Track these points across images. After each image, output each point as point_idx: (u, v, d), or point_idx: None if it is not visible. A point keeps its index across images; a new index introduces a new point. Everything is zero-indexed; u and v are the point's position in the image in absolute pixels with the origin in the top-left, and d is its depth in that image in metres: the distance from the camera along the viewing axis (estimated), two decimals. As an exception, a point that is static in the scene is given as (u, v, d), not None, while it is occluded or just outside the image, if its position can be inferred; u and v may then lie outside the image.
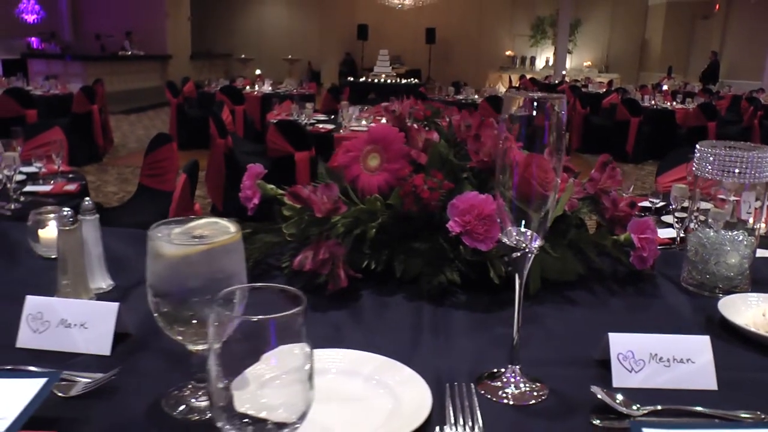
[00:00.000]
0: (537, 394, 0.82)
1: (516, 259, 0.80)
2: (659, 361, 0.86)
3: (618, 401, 0.79)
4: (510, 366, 0.84)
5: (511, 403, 0.80)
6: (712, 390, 0.84)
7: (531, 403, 0.80)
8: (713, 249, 1.15)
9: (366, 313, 1.06)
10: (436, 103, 1.43)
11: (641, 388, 0.84)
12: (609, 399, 0.78)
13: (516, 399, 0.81)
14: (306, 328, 0.54)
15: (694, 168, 1.18)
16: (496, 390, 0.82)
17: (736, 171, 1.11)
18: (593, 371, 0.88)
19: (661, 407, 0.79)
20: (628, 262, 1.21)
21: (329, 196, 1.09)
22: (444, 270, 1.10)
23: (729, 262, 1.14)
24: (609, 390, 0.80)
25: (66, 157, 3.39)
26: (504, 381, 0.83)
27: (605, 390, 0.79)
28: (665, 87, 12.99)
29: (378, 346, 0.89)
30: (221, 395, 0.54)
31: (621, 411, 0.77)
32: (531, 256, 0.79)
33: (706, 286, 1.17)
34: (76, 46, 15.85)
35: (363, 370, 0.84)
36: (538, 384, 0.83)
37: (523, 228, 0.77)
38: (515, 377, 0.83)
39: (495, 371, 0.86)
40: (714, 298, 1.10)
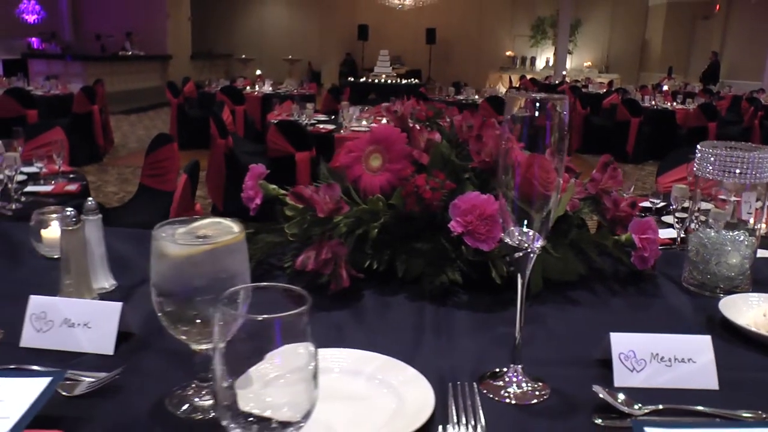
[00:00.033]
0: (539, 393, 0.82)
1: (518, 259, 0.80)
2: (660, 361, 0.86)
3: (620, 401, 0.79)
4: (512, 365, 0.84)
5: (514, 403, 0.80)
6: (713, 390, 0.84)
7: (533, 403, 0.81)
8: (714, 249, 1.15)
9: (368, 313, 1.06)
10: (436, 104, 1.43)
11: (643, 387, 0.84)
12: (611, 398, 0.79)
13: (518, 398, 0.81)
14: (311, 327, 0.55)
15: (694, 168, 1.19)
16: (498, 389, 0.82)
17: (736, 171, 1.12)
18: (595, 371, 0.88)
19: (663, 407, 0.79)
20: (629, 262, 1.21)
21: (331, 196, 1.09)
22: (446, 270, 1.10)
23: (730, 262, 1.15)
24: (611, 389, 0.81)
25: (67, 158, 3.39)
26: (506, 380, 0.84)
27: (607, 389, 0.80)
28: (665, 87, 12.99)
29: (380, 345, 0.90)
30: (226, 394, 0.54)
31: (623, 410, 0.78)
32: (533, 256, 0.79)
33: (707, 286, 1.17)
34: (76, 46, 15.84)
35: (366, 369, 0.84)
36: (540, 383, 0.84)
37: (525, 228, 0.77)
38: (517, 377, 0.84)
39: (497, 371, 0.86)
40: (715, 298, 1.11)
